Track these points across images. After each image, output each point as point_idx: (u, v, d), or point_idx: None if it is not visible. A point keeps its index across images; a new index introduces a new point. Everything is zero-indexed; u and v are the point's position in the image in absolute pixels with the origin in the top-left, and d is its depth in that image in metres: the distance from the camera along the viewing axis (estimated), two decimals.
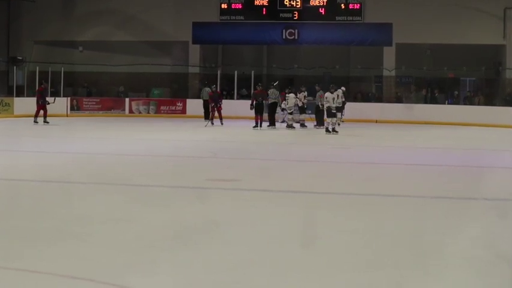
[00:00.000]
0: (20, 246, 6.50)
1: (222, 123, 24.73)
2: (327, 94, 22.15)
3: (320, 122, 23.80)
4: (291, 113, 23.93)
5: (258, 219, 7.98)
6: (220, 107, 24.92)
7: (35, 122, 24.21)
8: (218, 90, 25.88)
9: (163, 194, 9.86)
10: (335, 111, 21.89)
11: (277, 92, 24.41)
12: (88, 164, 13.29)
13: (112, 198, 9.38)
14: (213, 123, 24.63)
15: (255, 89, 26.77)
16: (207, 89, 25.14)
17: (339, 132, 21.49)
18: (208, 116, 25.62)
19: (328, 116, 21.60)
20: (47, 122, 24.12)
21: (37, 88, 26.09)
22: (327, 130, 21.58)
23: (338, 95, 22.57)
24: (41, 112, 24.24)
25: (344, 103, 24.37)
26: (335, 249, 6.58)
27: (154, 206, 8.71)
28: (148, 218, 7.83)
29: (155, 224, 7.56)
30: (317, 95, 24.07)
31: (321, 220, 8.03)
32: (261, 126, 23.79)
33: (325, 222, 7.88)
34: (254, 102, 24.07)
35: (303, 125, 24.49)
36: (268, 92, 24.41)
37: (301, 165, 13.82)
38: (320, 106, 23.22)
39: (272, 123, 24.11)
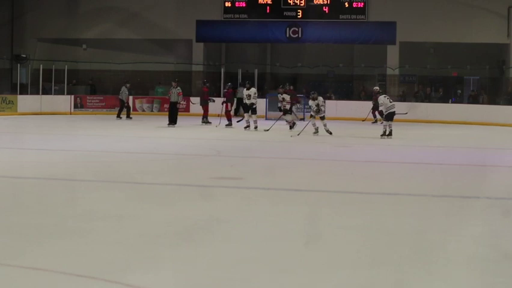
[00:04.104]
0: (22, 243, 6.51)
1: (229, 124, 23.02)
2: (244, 90, 22.54)
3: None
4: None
5: (260, 217, 7.98)
6: (227, 105, 23.25)
7: (209, 122, 24.05)
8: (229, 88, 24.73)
9: (166, 191, 9.86)
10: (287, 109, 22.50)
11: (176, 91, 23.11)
12: (90, 162, 13.29)
13: (115, 195, 9.40)
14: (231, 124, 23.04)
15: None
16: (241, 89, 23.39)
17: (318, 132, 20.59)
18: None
19: (386, 120, 19.86)
20: (209, 122, 23.98)
21: (203, 88, 25.12)
22: (384, 133, 19.71)
23: (250, 95, 22.26)
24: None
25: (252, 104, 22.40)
26: (336, 247, 6.58)
27: (156, 203, 8.72)
28: (150, 216, 7.84)
29: (158, 221, 7.57)
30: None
31: (323, 218, 8.03)
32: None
33: (326, 220, 7.89)
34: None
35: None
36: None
37: (304, 164, 13.83)
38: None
39: (172, 120, 22.91)
